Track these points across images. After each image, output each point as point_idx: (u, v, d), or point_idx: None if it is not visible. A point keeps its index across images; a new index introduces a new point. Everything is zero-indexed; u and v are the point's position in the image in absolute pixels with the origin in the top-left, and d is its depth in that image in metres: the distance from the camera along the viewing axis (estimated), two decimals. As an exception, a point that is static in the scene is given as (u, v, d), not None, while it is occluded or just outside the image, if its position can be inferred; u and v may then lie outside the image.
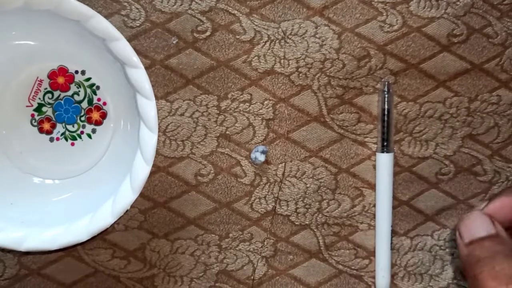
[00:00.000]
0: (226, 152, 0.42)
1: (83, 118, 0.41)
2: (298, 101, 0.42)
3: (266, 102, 0.42)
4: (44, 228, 0.38)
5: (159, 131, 0.39)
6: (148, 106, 0.36)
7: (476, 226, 0.36)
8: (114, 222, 0.37)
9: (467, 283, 0.38)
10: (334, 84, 0.42)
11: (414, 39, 0.41)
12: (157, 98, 0.41)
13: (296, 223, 0.43)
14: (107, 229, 0.38)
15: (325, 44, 0.41)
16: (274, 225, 0.43)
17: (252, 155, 0.42)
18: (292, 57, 0.41)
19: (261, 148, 0.41)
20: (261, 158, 0.41)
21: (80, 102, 0.41)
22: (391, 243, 0.42)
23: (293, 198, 0.43)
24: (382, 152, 0.42)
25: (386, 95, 0.41)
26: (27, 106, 0.41)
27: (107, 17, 0.40)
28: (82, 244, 0.41)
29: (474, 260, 0.35)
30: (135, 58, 0.36)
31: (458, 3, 0.41)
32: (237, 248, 0.43)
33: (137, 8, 0.40)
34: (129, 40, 0.39)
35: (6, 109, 0.40)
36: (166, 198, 0.42)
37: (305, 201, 0.43)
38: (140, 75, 0.36)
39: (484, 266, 0.34)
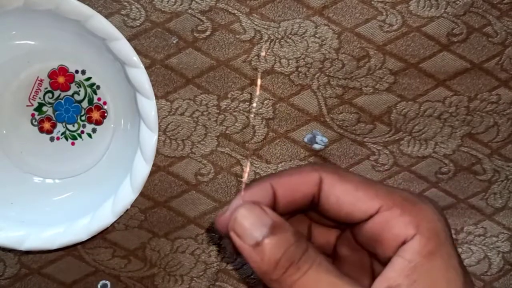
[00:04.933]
0: (226, 152, 0.42)
1: (83, 118, 0.41)
2: (297, 100, 0.42)
3: (266, 102, 0.42)
4: (45, 227, 0.38)
5: (159, 131, 0.39)
6: (148, 106, 0.36)
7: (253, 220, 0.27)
8: (115, 222, 0.38)
9: None
10: (333, 84, 0.42)
11: (414, 38, 0.41)
12: (157, 97, 0.41)
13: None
14: (107, 228, 0.38)
15: (324, 44, 0.41)
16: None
17: (310, 138, 0.41)
18: (292, 56, 0.41)
19: (320, 137, 0.40)
20: (318, 145, 0.40)
21: (81, 101, 0.41)
22: None
23: None
24: None
25: None
26: (27, 106, 0.41)
27: (107, 16, 0.39)
28: (82, 243, 0.41)
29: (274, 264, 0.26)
30: (135, 58, 0.36)
31: (457, 2, 0.41)
32: (237, 247, 0.43)
33: (137, 8, 0.40)
34: (129, 39, 0.39)
35: (7, 108, 0.41)
36: (166, 197, 0.42)
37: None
38: (140, 75, 0.36)
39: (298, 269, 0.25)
